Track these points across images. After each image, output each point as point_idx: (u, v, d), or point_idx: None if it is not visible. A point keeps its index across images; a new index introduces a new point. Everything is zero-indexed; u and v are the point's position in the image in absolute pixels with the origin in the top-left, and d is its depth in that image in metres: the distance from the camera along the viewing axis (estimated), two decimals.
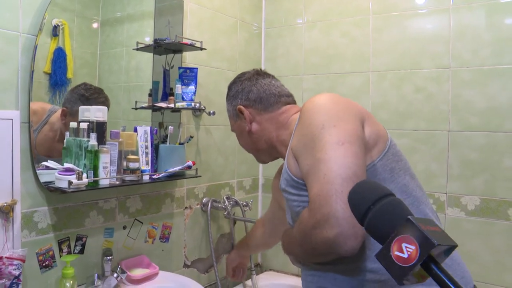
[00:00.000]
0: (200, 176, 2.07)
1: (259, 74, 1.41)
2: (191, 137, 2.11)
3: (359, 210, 0.68)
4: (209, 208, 2.28)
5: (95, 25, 1.82)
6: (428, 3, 2.18)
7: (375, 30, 2.33)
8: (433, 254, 0.56)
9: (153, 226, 2.01)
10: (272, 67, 2.71)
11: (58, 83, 1.66)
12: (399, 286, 0.60)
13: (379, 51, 2.32)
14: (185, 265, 2.21)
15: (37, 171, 1.54)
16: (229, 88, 1.44)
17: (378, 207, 0.66)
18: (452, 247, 0.58)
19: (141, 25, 2.04)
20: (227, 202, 2.36)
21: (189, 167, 1.93)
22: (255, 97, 1.36)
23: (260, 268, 2.74)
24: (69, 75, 1.69)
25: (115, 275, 1.69)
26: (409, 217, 0.58)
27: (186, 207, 2.20)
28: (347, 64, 2.43)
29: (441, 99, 2.14)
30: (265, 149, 1.38)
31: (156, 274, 1.85)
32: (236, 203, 2.40)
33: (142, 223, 1.95)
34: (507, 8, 1.98)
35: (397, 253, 0.57)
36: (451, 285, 0.55)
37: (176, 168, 1.89)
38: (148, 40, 1.98)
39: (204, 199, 2.31)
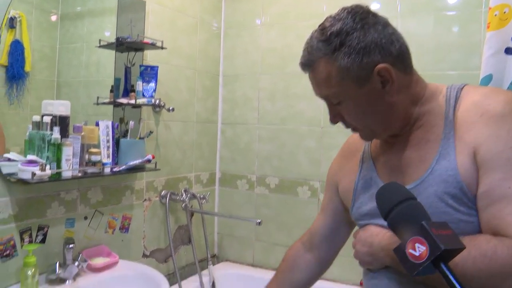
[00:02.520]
0: (159, 170, 2.15)
1: (376, 16, 0.95)
2: (151, 132, 2.19)
3: (384, 208, 0.76)
4: (167, 200, 2.36)
5: (53, 18, 1.81)
6: (378, 10, 2.33)
7: None
8: (443, 254, 0.65)
9: (113, 217, 2.08)
10: (231, 65, 2.81)
11: (15, 76, 1.66)
12: None
13: None
14: (144, 255, 2.29)
15: None
16: (346, 32, 0.89)
17: (399, 208, 0.73)
18: (460, 249, 0.67)
19: (102, 21, 2.07)
20: (184, 195, 2.44)
21: (148, 161, 2.02)
22: (398, 52, 0.89)
23: (217, 259, 2.85)
24: (27, 68, 1.69)
25: (76, 263, 1.75)
26: (423, 222, 0.67)
27: (145, 199, 2.28)
28: None
29: None
30: (395, 127, 0.96)
31: (116, 262, 1.92)
32: (194, 196, 2.50)
33: (102, 214, 2.02)
34: (451, 19, 2.16)
35: (411, 250, 0.67)
36: (456, 284, 0.65)
37: (136, 162, 1.96)
38: (109, 35, 2.01)
39: (163, 192, 2.38)
